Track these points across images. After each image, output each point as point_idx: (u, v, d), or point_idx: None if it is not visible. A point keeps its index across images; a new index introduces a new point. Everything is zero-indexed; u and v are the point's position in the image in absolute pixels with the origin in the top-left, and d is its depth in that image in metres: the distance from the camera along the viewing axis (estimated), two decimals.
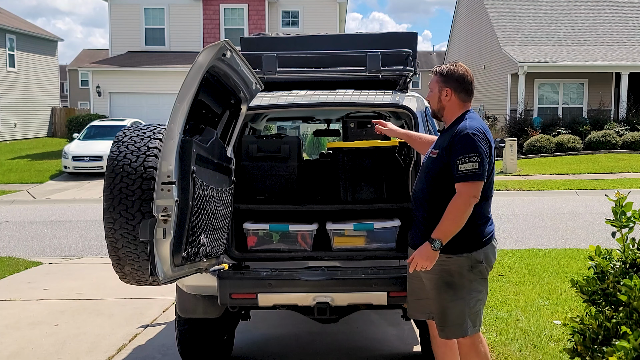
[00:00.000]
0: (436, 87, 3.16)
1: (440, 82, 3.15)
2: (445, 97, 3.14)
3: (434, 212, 3.05)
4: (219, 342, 4.24)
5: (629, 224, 2.64)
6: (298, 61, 4.24)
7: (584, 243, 8.44)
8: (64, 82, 48.14)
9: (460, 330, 3.10)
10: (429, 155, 3.18)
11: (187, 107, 2.78)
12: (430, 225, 3.04)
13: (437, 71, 3.18)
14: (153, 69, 23.34)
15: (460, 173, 2.92)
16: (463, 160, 2.92)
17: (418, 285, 3.26)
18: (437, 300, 3.11)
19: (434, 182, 3.08)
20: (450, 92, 3.13)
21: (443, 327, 3.13)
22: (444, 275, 3.05)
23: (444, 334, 3.15)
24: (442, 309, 3.10)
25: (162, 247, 2.73)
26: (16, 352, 4.71)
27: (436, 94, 3.16)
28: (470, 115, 3.14)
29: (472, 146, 2.93)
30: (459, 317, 3.08)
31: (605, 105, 21.99)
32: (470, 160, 2.91)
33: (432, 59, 54.11)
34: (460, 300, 3.06)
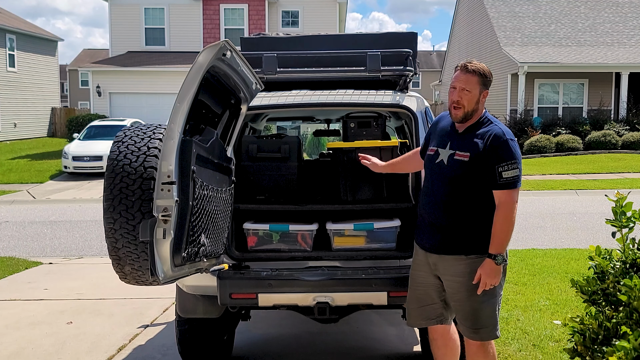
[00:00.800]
0: (477, 89, 3.00)
1: (481, 85, 3.02)
2: (482, 100, 3.05)
3: (462, 215, 3.01)
4: (219, 342, 4.24)
5: (629, 224, 2.64)
6: (298, 61, 4.24)
7: (584, 243, 8.45)
8: (64, 82, 48.13)
9: (494, 330, 3.10)
10: (454, 158, 3.03)
11: (187, 107, 2.78)
12: (458, 229, 3.02)
13: (478, 71, 3.00)
14: (153, 69, 23.34)
15: (505, 180, 2.92)
16: (506, 167, 2.92)
17: (422, 292, 3.23)
18: (469, 303, 3.05)
19: (463, 186, 3.01)
20: (486, 94, 3.06)
21: (477, 329, 3.08)
22: (473, 276, 3.01)
23: (479, 336, 3.09)
24: (474, 311, 3.05)
25: (162, 247, 2.73)
26: (16, 352, 4.71)
27: (476, 95, 3.01)
28: (493, 118, 3.11)
29: (514, 153, 2.94)
30: (492, 317, 3.08)
31: (605, 105, 22.00)
32: (513, 167, 2.92)
33: (432, 59, 54.09)
34: (492, 300, 3.06)
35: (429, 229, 3.14)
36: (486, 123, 3.06)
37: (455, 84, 3.02)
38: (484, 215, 3.01)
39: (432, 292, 3.21)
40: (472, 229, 3.03)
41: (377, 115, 4.26)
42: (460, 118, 3.04)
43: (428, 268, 3.20)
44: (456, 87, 3.01)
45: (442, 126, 3.21)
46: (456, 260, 3.06)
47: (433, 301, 3.22)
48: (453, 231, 3.05)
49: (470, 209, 3.01)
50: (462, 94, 3.00)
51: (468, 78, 3.00)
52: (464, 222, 3.03)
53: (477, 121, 3.06)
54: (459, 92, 3.00)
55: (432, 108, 27.83)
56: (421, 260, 3.23)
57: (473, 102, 3.01)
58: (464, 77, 3.00)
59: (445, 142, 3.11)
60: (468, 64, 3.02)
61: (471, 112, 3.02)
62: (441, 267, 3.12)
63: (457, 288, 3.07)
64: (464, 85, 2.99)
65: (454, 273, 3.06)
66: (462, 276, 3.04)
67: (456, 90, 3.01)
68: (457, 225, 3.04)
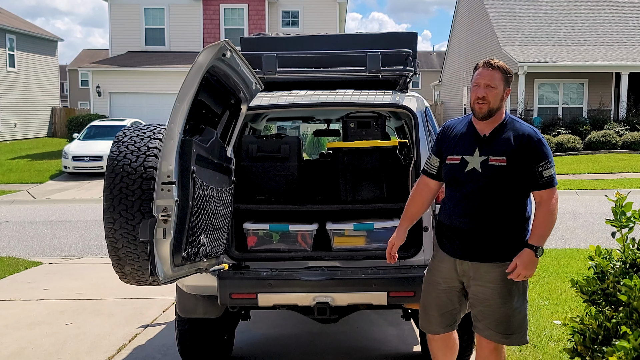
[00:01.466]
0: (501, 85, 2.96)
1: (504, 81, 2.98)
2: (505, 97, 3.01)
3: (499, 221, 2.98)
4: (219, 342, 4.24)
5: (628, 224, 2.64)
6: (298, 61, 4.24)
7: (584, 243, 8.45)
8: (64, 82, 48.13)
9: (524, 336, 3.07)
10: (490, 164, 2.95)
11: (187, 107, 2.78)
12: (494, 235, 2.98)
13: (501, 68, 2.97)
14: (153, 69, 23.34)
15: (545, 179, 2.94)
16: (546, 166, 2.93)
17: (445, 299, 3.16)
18: (503, 309, 3.00)
19: (500, 191, 2.97)
20: (509, 92, 3.04)
21: (509, 335, 3.03)
22: (509, 282, 2.97)
23: (509, 341, 3.06)
24: (508, 317, 3.01)
25: (162, 247, 2.73)
26: (16, 352, 4.71)
27: (500, 91, 2.96)
28: (514, 117, 3.10)
29: (549, 151, 2.97)
30: (523, 321, 3.06)
31: (605, 105, 22.00)
32: (550, 165, 2.95)
33: (432, 59, 54.08)
34: (523, 305, 3.05)
35: (461, 236, 3.05)
36: (512, 123, 3.02)
37: (479, 81, 2.97)
38: (519, 221, 3.01)
39: (454, 297, 3.16)
40: (508, 234, 3.00)
41: (377, 115, 4.26)
42: (485, 113, 2.96)
43: (455, 274, 3.11)
44: (480, 84, 2.96)
45: (459, 133, 3.10)
46: (491, 266, 3.00)
47: (454, 307, 3.17)
48: (489, 238, 2.99)
49: (506, 214, 2.98)
50: (487, 90, 2.95)
51: (492, 74, 2.96)
52: (500, 228, 2.99)
53: (502, 122, 3.02)
54: (484, 89, 2.95)
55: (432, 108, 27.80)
56: (446, 268, 3.13)
57: (498, 98, 2.96)
58: (488, 73, 2.96)
59: (471, 149, 3.02)
60: (491, 61, 2.99)
61: (495, 109, 2.97)
62: (474, 274, 3.05)
63: (491, 294, 3.01)
64: (489, 82, 2.95)
65: (489, 279, 3.00)
66: (498, 283, 2.99)
67: (480, 87, 2.96)
68: (494, 232, 2.99)
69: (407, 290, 3.45)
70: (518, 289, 3.02)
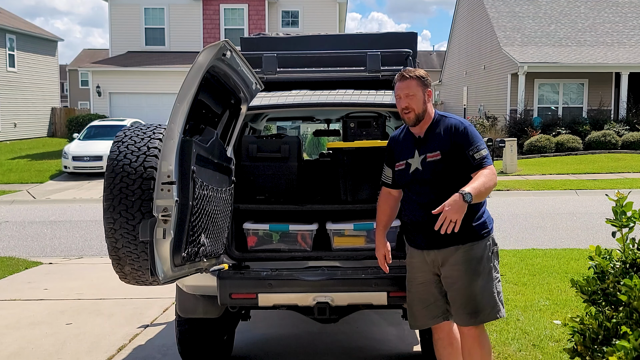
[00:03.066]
0: (419, 91, 3.22)
1: (422, 86, 3.23)
2: (428, 99, 3.26)
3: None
4: (219, 342, 4.24)
5: (629, 224, 2.63)
6: (298, 61, 4.25)
7: (584, 243, 8.45)
8: (64, 82, 48.14)
9: (494, 311, 3.20)
10: (427, 161, 3.21)
11: (187, 107, 2.78)
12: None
13: (414, 76, 3.22)
14: (153, 69, 23.34)
15: (477, 161, 3.13)
16: (475, 149, 3.14)
17: (425, 292, 3.30)
18: (469, 288, 3.17)
19: (442, 181, 3.18)
20: (430, 93, 3.27)
21: (477, 313, 3.17)
22: (472, 262, 3.16)
23: (479, 319, 3.19)
24: (474, 295, 3.16)
25: (162, 247, 2.73)
26: (16, 352, 4.71)
27: (421, 96, 3.22)
28: (445, 113, 3.33)
29: (477, 136, 3.19)
30: (491, 298, 3.19)
31: (605, 105, 22.00)
32: (480, 148, 3.15)
33: (432, 59, 54.09)
34: (490, 283, 3.20)
35: (422, 229, 3.24)
36: (441, 119, 3.27)
37: (399, 93, 3.24)
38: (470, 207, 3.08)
39: (434, 289, 3.29)
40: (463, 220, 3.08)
41: (377, 115, 4.26)
42: (413, 121, 3.23)
43: (426, 267, 3.28)
44: (401, 96, 3.23)
45: (401, 141, 3.38)
46: (452, 250, 3.18)
47: (436, 298, 3.29)
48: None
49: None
50: (408, 99, 3.21)
51: (408, 84, 3.23)
52: None
53: (432, 122, 3.27)
54: (405, 99, 3.22)
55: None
56: (418, 262, 3.31)
57: (420, 103, 3.22)
58: (404, 84, 3.23)
59: (412, 152, 3.28)
60: (404, 73, 3.24)
61: (422, 113, 3.23)
62: (440, 260, 3.22)
63: (457, 276, 3.18)
64: (407, 92, 3.21)
65: (453, 262, 3.18)
66: (462, 264, 3.17)
67: (402, 98, 3.23)
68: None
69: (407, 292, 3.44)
70: (483, 268, 3.19)
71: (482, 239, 3.20)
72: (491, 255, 3.23)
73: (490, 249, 3.23)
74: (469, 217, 3.12)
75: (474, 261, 3.17)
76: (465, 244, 3.17)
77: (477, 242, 3.19)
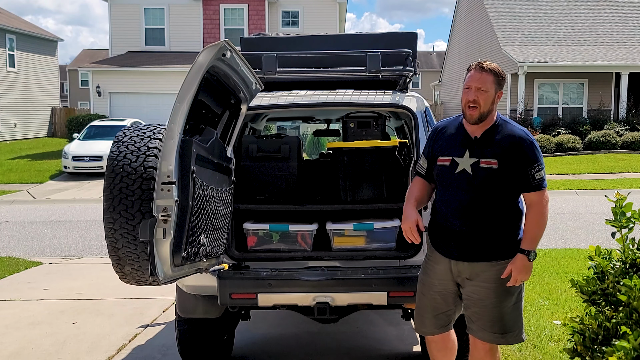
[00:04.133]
0: (492, 88, 2.94)
1: (496, 84, 2.95)
2: (497, 100, 2.99)
3: (491, 221, 2.98)
4: (219, 342, 4.24)
5: (628, 224, 2.63)
6: (298, 61, 4.24)
7: (584, 243, 8.45)
8: (64, 82, 48.13)
9: (520, 334, 3.08)
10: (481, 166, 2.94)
11: (187, 107, 2.78)
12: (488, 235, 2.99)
13: (493, 71, 2.94)
14: (153, 69, 23.33)
15: (537, 182, 2.93)
16: (537, 169, 2.93)
17: (440, 301, 3.16)
18: (498, 308, 3.01)
19: (491, 192, 2.96)
20: (501, 95, 3.01)
21: (504, 334, 3.04)
22: (505, 281, 2.97)
23: (505, 340, 3.07)
24: (502, 316, 3.02)
25: (162, 247, 2.73)
26: (16, 352, 4.71)
27: (492, 95, 2.94)
28: (506, 118, 3.08)
29: (540, 154, 2.97)
30: (518, 320, 3.07)
31: (605, 105, 21.99)
32: (541, 168, 2.95)
33: (432, 59, 54.07)
34: (518, 304, 3.07)
35: (455, 237, 3.03)
36: (503, 125, 3.01)
37: (471, 84, 2.93)
38: (513, 219, 3.01)
39: (449, 299, 3.16)
40: (502, 234, 3.01)
41: (377, 115, 4.26)
42: (475, 118, 2.94)
43: (450, 276, 3.10)
44: (471, 87, 2.93)
45: (450, 134, 3.08)
46: (487, 266, 3.00)
47: (449, 308, 3.17)
48: (483, 238, 3.00)
49: (499, 215, 2.98)
50: (478, 93, 2.91)
51: (484, 77, 2.92)
52: (494, 228, 2.99)
53: (493, 124, 3.00)
54: (475, 92, 2.92)
55: (432, 108, 27.82)
56: (442, 269, 3.12)
57: (489, 101, 2.93)
58: (480, 76, 2.92)
59: (461, 150, 3.00)
60: (483, 63, 2.95)
61: (486, 112, 2.94)
62: (469, 274, 3.04)
63: (487, 294, 3.01)
64: (480, 85, 2.92)
65: (485, 279, 3.00)
66: (493, 282, 2.99)
67: (471, 89, 2.93)
68: (488, 232, 2.99)
69: (407, 290, 3.44)
70: (515, 288, 3.03)
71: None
72: None
73: None
74: (509, 232, 3.00)
75: (506, 280, 2.97)
76: (499, 261, 2.98)
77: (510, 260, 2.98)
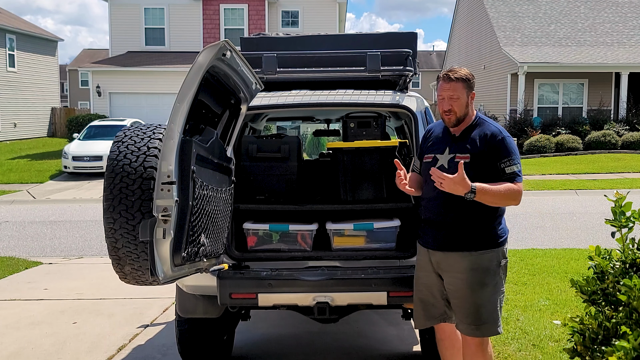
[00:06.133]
0: (464, 94, 3.12)
1: (467, 89, 3.13)
2: (471, 102, 3.17)
3: (465, 212, 3.07)
4: (219, 342, 4.24)
5: (628, 224, 2.63)
6: (298, 61, 4.24)
7: (584, 243, 8.45)
8: (64, 82, 48.14)
9: (495, 327, 3.13)
10: (455, 161, 3.09)
11: (187, 107, 2.78)
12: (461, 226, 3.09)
13: (461, 78, 3.11)
14: (153, 69, 23.33)
15: (508, 175, 3.03)
16: (508, 163, 3.04)
17: (426, 293, 3.28)
18: (472, 299, 3.10)
19: None
20: (473, 95, 3.18)
21: (479, 325, 3.11)
22: (477, 272, 3.08)
23: (480, 332, 3.13)
24: (477, 307, 3.10)
25: (162, 247, 2.73)
26: (16, 352, 4.71)
27: (464, 100, 3.12)
28: (485, 118, 3.23)
29: (513, 150, 3.08)
30: (494, 313, 3.12)
31: (605, 105, 22.00)
32: (513, 162, 3.05)
33: (432, 59, 54.07)
34: (494, 296, 3.12)
35: (433, 228, 3.19)
36: (480, 123, 3.18)
37: (443, 94, 3.13)
38: (486, 213, 3.08)
39: (434, 291, 3.25)
40: (475, 225, 3.09)
41: (377, 115, 4.26)
42: (453, 122, 3.16)
43: (430, 267, 3.24)
44: (444, 97, 3.13)
45: (436, 134, 3.30)
46: (460, 256, 3.10)
47: (435, 300, 3.26)
48: (457, 228, 3.11)
49: (472, 207, 3.05)
50: (451, 102, 3.11)
51: (453, 86, 3.11)
52: (467, 219, 3.09)
53: (471, 123, 3.18)
54: (448, 101, 3.12)
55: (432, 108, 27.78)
56: (423, 260, 3.27)
57: (463, 106, 3.13)
58: (449, 85, 3.12)
59: (442, 148, 3.20)
60: (450, 73, 3.13)
61: (463, 115, 3.15)
62: (444, 264, 3.16)
63: (460, 285, 3.11)
64: (452, 94, 3.11)
65: (458, 270, 3.11)
66: (466, 272, 3.09)
67: (445, 99, 3.13)
68: (461, 222, 3.10)
69: (407, 290, 3.45)
70: (489, 279, 3.09)
71: (493, 249, 3.10)
72: (499, 268, 3.13)
73: (500, 260, 3.13)
74: (484, 224, 3.08)
75: (481, 271, 3.08)
76: (475, 251, 3.08)
77: (487, 252, 3.09)
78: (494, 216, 3.11)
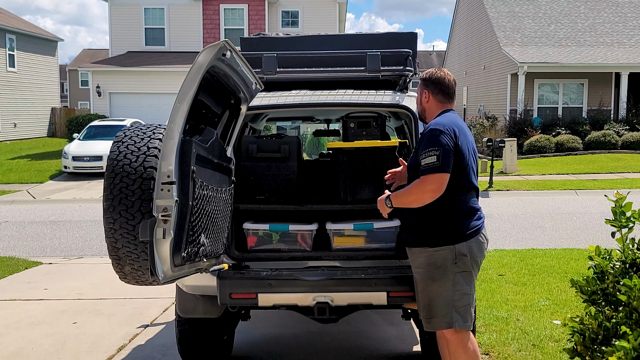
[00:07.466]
0: (418, 91, 3.38)
1: (421, 86, 3.34)
2: (424, 99, 3.33)
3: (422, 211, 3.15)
4: (219, 342, 4.24)
5: (628, 224, 2.63)
6: (298, 61, 4.24)
7: (583, 243, 8.45)
8: (64, 82, 48.15)
9: (445, 321, 3.16)
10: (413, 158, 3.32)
11: (187, 107, 2.78)
12: (418, 222, 3.21)
13: (420, 76, 3.38)
14: (153, 69, 23.34)
15: (423, 167, 3.08)
16: (424, 155, 3.08)
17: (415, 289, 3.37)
18: (424, 293, 3.22)
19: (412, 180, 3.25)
20: (428, 94, 3.32)
21: (429, 318, 3.21)
22: (430, 268, 3.17)
23: (430, 326, 3.22)
24: (429, 301, 3.19)
25: (162, 247, 2.73)
26: (16, 352, 4.71)
27: (418, 96, 3.38)
28: (445, 114, 3.27)
29: (433, 141, 3.07)
30: (444, 308, 3.15)
31: (605, 105, 22.00)
32: (430, 154, 3.06)
33: (432, 59, 54.10)
34: (445, 292, 3.15)
35: (405, 226, 3.37)
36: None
37: None
38: (440, 209, 3.13)
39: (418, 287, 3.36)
40: (430, 223, 3.17)
41: (377, 115, 4.26)
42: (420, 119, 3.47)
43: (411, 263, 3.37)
44: None
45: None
46: (418, 252, 3.23)
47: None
48: (415, 225, 3.23)
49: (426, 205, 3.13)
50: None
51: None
52: (422, 217, 3.19)
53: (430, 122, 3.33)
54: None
55: None
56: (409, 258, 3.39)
57: (417, 102, 3.40)
58: None
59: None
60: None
61: (420, 112, 3.40)
62: (410, 260, 3.33)
63: (419, 279, 3.24)
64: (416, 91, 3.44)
65: (416, 264, 3.25)
66: (422, 267, 3.20)
67: None
68: (417, 220, 3.21)
69: (407, 290, 3.45)
70: (440, 275, 3.14)
71: (447, 246, 3.12)
72: (452, 265, 3.12)
73: (457, 258, 3.12)
74: (438, 221, 3.14)
75: (434, 267, 3.14)
76: (430, 247, 3.15)
77: (442, 249, 3.13)
78: (448, 214, 3.14)
